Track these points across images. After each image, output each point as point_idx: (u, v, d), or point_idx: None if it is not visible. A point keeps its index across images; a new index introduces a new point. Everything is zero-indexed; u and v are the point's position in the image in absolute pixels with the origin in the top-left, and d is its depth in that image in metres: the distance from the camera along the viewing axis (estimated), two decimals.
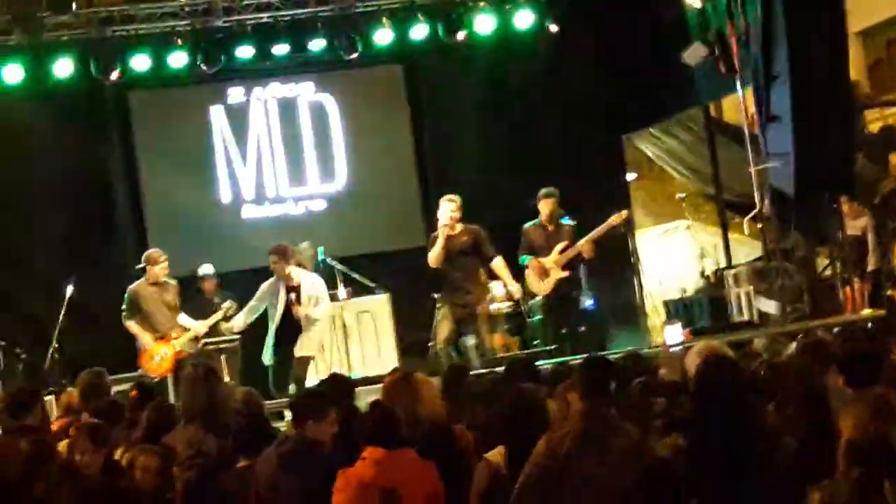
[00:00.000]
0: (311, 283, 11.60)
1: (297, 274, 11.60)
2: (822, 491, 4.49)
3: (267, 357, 11.65)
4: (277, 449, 6.11)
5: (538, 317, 13.09)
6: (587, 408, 5.43)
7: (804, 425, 5.36)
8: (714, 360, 5.45)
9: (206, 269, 13.30)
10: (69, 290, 12.20)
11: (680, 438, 5.26)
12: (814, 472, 4.80)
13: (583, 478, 5.18)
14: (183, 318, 12.02)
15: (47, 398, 9.41)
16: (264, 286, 11.64)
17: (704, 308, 13.88)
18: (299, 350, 11.45)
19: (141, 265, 11.96)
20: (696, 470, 5.07)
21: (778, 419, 5.62)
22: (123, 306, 11.95)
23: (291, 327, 11.52)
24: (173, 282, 12.12)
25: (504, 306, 13.14)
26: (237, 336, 12.36)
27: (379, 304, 13.10)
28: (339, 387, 6.84)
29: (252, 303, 11.67)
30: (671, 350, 5.88)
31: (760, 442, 5.07)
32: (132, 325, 11.83)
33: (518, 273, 12.52)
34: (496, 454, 5.66)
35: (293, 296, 11.44)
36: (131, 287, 11.98)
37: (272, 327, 11.60)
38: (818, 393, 5.79)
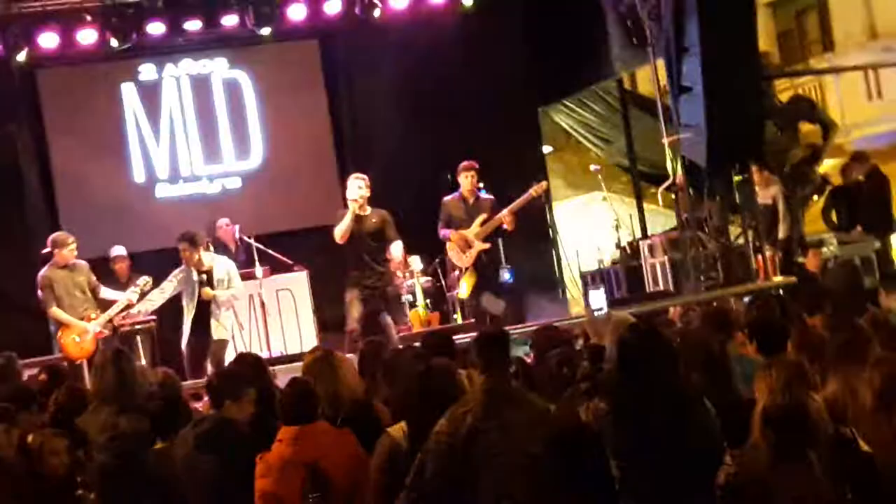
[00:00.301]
0: (221, 267, 11.50)
1: (208, 258, 11.49)
2: (739, 456, 4.56)
3: (184, 341, 11.56)
4: (194, 429, 6.09)
5: (457, 290, 13.11)
6: (487, 382, 5.44)
7: (707, 392, 5.43)
8: (639, 328, 5.50)
9: (118, 250, 13.13)
10: None
11: (602, 402, 5.30)
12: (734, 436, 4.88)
13: (486, 452, 5.20)
14: (106, 292, 11.82)
15: None
16: (176, 271, 11.53)
17: (621, 278, 13.99)
18: (215, 333, 11.36)
19: (48, 249, 11.73)
20: (620, 434, 5.12)
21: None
22: (40, 294, 11.69)
23: (207, 311, 11.43)
24: (82, 262, 11.89)
25: (423, 280, 13.16)
26: (153, 317, 12.23)
27: (297, 282, 13.06)
28: (251, 366, 6.81)
29: (164, 284, 11.54)
30: (596, 315, 5.92)
31: (682, 407, 5.13)
32: (55, 312, 11.58)
33: (435, 245, 12.55)
34: (397, 429, 5.64)
35: (204, 278, 11.33)
36: (42, 274, 11.67)
37: (188, 312, 11.50)
38: (719, 360, 5.86)
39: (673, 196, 13.42)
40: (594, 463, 5.12)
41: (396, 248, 11.64)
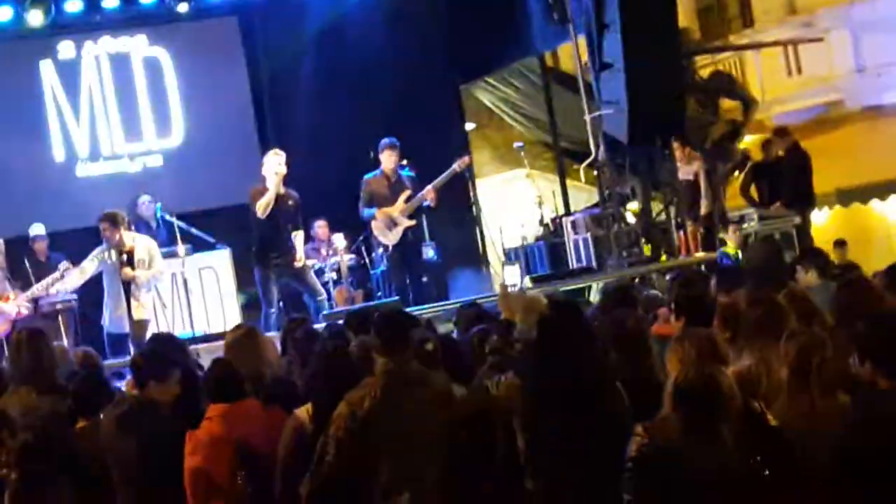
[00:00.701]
0: (142, 246, 11.42)
1: (129, 238, 11.40)
2: (650, 428, 4.61)
3: (106, 321, 11.47)
4: (115, 409, 6.05)
5: (381, 268, 13.13)
6: (387, 364, 5.40)
7: (624, 368, 5.48)
8: (561, 306, 5.52)
9: (37, 229, 12.98)
10: None
11: (515, 378, 5.30)
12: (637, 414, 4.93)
13: (385, 436, 5.16)
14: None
15: None
16: (96, 251, 11.43)
17: (544, 255, 14.07)
18: (136, 313, 11.28)
19: None
20: (532, 408, 5.13)
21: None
22: None
23: (128, 291, 11.33)
24: None
25: (346, 258, 13.15)
26: (73, 296, 12.12)
27: (220, 260, 13.00)
28: (169, 345, 6.77)
29: (84, 263, 11.44)
30: (510, 290, 5.94)
31: (597, 383, 5.18)
32: None
33: (357, 222, 12.57)
34: (303, 411, 5.60)
35: (125, 258, 11.24)
36: None
37: (109, 291, 11.41)
38: (632, 336, 5.86)
39: (595, 173, 13.51)
40: (501, 443, 5.07)
41: (300, 239, 11.76)
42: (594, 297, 11.68)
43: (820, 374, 4.94)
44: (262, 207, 11.52)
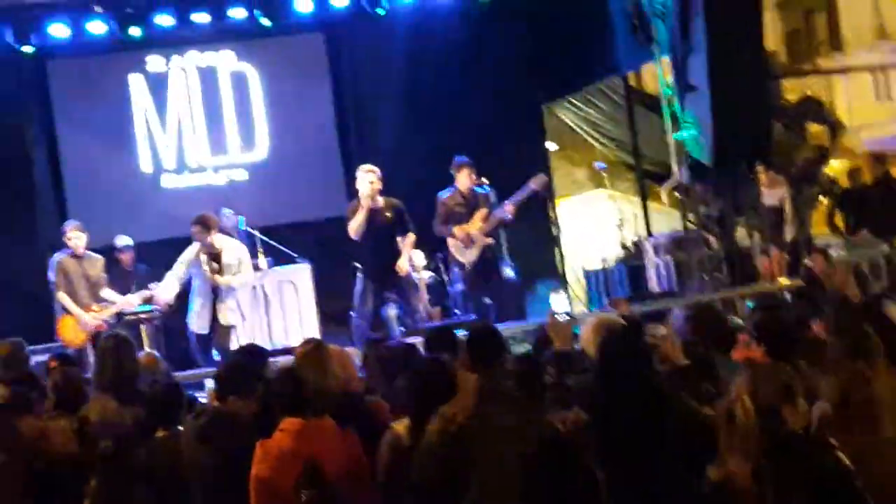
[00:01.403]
0: (231, 251, 11.55)
1: (219, 241, 11.54)
2: (720, 469, 4.52)
3: (193, 323, 11.57)
4: (196, 420, 6.10)
5: (459, 286, 13.12)
6: (478, 381, 5.38)
7: (697, 395, 5.40)
8: (619, 334, 5.46)
9: (124, 240, 13.19)
10: None
11: (581, 412, 5.23)
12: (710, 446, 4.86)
13: (474, 454, 5.13)
14: (107, 293, 11.95)
15: None
16: (186, 254, 11.56)
17: (624, 277, 13.99)
18: (222, 318, 11.42)
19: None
20: (604, 443, 5.08)
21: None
22: (52, 277, 11.86)
23: (215, 296, 11.47)
24: (97, 256, 12.04)
25: (426, 276, 13.16)
26: (156, 308, 12.31)
27: (300, 274, 13.09)
28: (256, 357, 6.82)
29: (178, 273, 11.58)
30: (558, 320, 5.88)
31: (667, 416, 5.10)
32: (62, 297, 11.75)
33: (436, 239, 12.59)
34: (401, 425, 5.62)
35: (214, 264, 11.38)
36: (55, 258, 11.89)
37: (198, 296, 11.53)
38: (706, 363, 5.79)
39: (678, 195, 13.41)
40: (583, 469, 5.05)
41: (410, 240, 11.72)
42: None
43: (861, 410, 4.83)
44: (353, 230, 11.57)
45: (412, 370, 5.93)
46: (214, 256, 11.43)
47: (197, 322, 11.49)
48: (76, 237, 11.76)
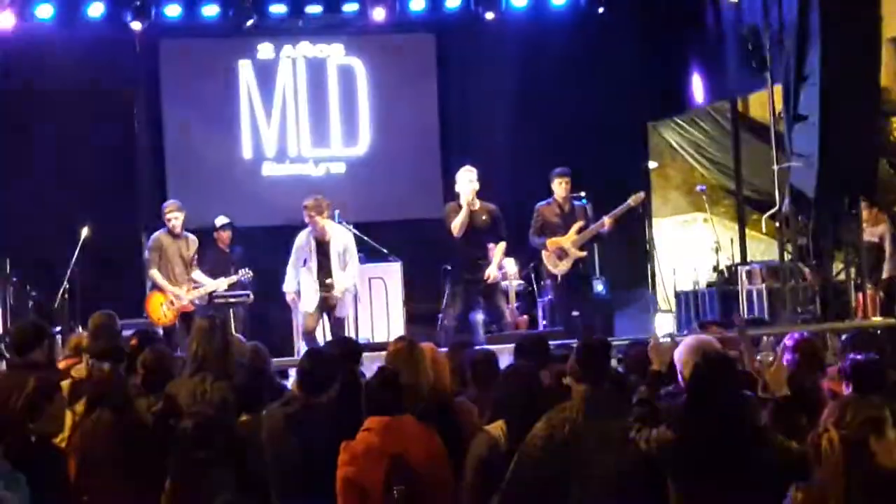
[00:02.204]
0: (339, 238, 11.65)
1: (329, 228, 11.64)
2: (806, 492, 4.48)
3: (307, 305, 11.66)
4: (283, 408, 6.12)
5: (549, 297, 13.09)
6: (588, 392, 5.45)
7: (794, 426, 5.34)
8: (712, 358, 5.43)
9: (223, 220, 13.36)
10: (84, 233, 12.20)
11: (668, 431, 5.23)
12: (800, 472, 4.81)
13: (579, 460, 5.21)
14: (197, 275, 12.13)
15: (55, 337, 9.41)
16: (299, 241, 11.66)
17: (715, 301, 13.86)
18: (338, 311, 11.62)
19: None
20: (687, 465, 5.08)
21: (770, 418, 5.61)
22: (146, 254, 12.12)
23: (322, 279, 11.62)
24: (193, 237, 12.25)
25: (515, 284, 13.15)
26: (247, 292, 12.46)
27: (390, 272, 13.13)
28: (348, 350, 6.83)
29: (293, 262, 11.71)
30: (661, 341, 5.86)
31: (751, 440, 5.07)
32: (154, 273, 12.01)
33: (521, 250, 12.57)
34: (496, 427, 5.68)
35: (322, 249, 11.49)
36: (154, 235, 12.16)
37: (308, 278, 11.62)
38: (808, 394, 5.74)
39: (777, 224, 13.24)
40: (662, 488, 5.11)
41: (501, 248, 11.76)
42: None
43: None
44: (457, 228, 11.61)
45: (511, 376, 5.96)
46: (323, 242, 11.48)
47: (304, 304, 11.57)
48: (175, 216, 11.97)
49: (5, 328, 11.53)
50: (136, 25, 13.79)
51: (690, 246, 16.37)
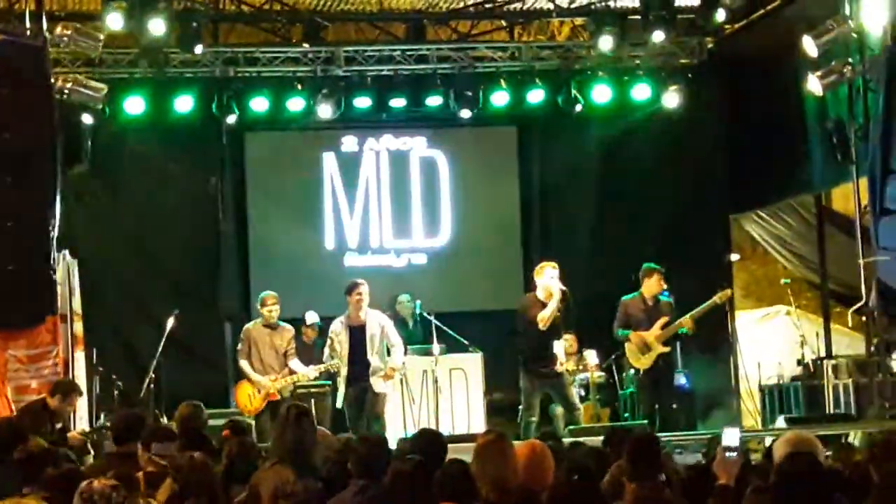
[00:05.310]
0: (374, 321, 12.09)
1: (364, 313, 12.08)
2: None
3: (339, 401, 12.03)
4: (359, 497, 6.09)
5: (631, 389, 13.00)
6: (638, 490, 5.33)
7: None
8: (795, 453, 5.33)
9: (313, 317, 13.58)
10: (170, 323, 12.34)
11: None
12: None
13: None
14: (295, 364, 12.27)
15: None
16: (335, 331, 12.12)
17: (800, 396, 13.67)
18: (376, 386, 11.82)
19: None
20: None
21: None
22: (239, 345, 12.31)
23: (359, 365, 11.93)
24: (289, 327, 12.42)
25: (597, 375, 13.08)
26: (328, 382, 12.54)
27: (471, 363, 13.13)
28: (433, 445, 6.79)
29: (334, 346, 12.16)
30: (727, 456, 5.63)
31: None
32: (243, 365, 12.22)
33: (602, 342, 12.53)
34: None
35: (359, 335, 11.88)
36: (245, 327, 12.42)
37: (342, 370, 12.02)
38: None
39: (863, 318, 13.07)
40: None
41: (560, 345, 11.91)
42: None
43: None
44: (545, 321, 11.65)
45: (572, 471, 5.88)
46: (358, 327, 11.85)
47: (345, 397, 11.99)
48: (275, 308, 12.18)
49: (92, 419, 11.66)
50: (229, 117, 14.05)
51: (772, 339, 16.18)
